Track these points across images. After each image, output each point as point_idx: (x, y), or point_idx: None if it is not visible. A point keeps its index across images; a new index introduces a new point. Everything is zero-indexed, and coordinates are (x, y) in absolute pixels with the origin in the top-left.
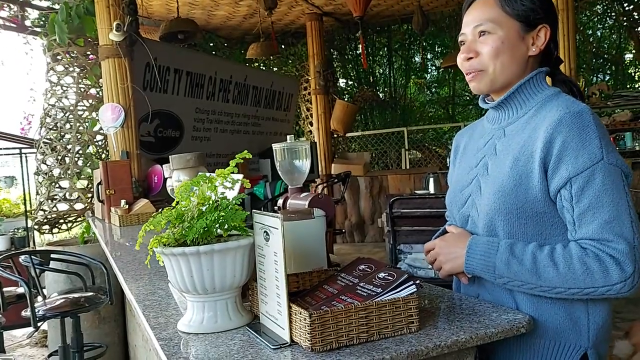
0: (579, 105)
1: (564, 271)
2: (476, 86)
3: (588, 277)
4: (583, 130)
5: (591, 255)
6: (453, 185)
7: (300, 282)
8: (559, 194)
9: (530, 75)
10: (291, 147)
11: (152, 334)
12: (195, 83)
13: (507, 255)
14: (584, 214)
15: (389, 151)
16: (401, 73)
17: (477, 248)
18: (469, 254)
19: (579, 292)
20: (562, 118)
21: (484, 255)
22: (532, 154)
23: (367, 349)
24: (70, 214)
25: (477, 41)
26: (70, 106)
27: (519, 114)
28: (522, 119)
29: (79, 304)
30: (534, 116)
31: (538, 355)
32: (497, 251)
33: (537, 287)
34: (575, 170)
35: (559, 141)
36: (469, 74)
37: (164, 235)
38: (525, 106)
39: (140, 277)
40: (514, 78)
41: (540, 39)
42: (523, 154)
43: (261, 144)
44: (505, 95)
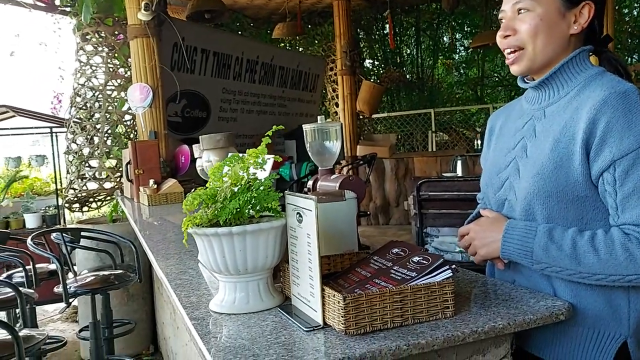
0: (624, 85)
1: (605, 257)
2: (516, 69)
3: (631, 263)
4: (629, 111)
5: (634, 241)
6: (489, 168)
7: (332, 264)
8: (601, 177)
9: (573, 54)
10: (322, 128)
11: (184, 313)
12: (222, 63)
13: (545, 240)
14: (627, 199)
15: (415, 133)
16: (429, 53)
17: (514, 232)
18: (505, 238)
19: (621, 279)
20: (606, 98)
21: (522, 239)
22: (574, 136)
23: (401, 333)
24: (100, 192)
25: (515, 19)
26: (100, 86)
27: (561, 94)
28: (563, 99)
29: (108, 281)
30: (576, 96)
31: (576, 343)
32: (535, 236)
33: (577, 273)
34: (620, 153)
35: (603, 122)
36: (509, 55)
37: (196, 215)
38: (567, 86)
39: (171, 256)
40: (554, 57)
41: (583, 16)
42: (564, 135)
43: (287, 125)
44: (546, 75)
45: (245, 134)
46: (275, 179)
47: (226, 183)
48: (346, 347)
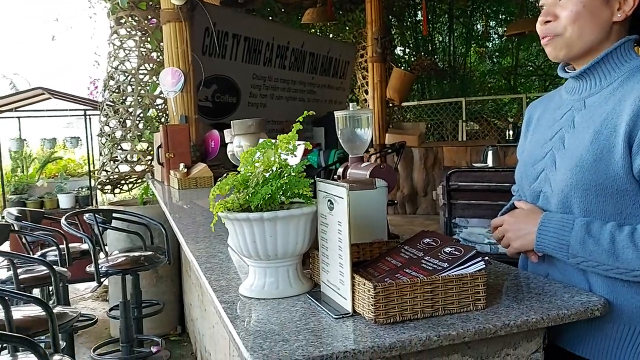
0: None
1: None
2: (552, 52)
3: None
4: None
5: None
6: (524, 158)
7: (361, 252)
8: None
9: (618, 43)
10: (353, 115)
11: (214, 296)
12: (252, 49)
13: (582, 234)
14: None
15: (445, 122)
16: (462, 41)
17: (550, 225)
18: (541, 231)
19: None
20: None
21: (558, 232)
22: (616, 128)
23: (432, 323)
24: (131, 175)
25: (557, 4)
26: (132, 70)
27: (603, 84)
28: (605, 90)
29: (138, 262)
30: (619, 87)
31: (611, 339)
32: (571, 229)
33: (614, 268)
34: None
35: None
36: (544, 38)
37: (228, 200)
38: (610, 76)
39: (200, 239)
40: (594, 45)
41: (628, 3)
42: (605, 127)
43: (316, 112)
44: (589, 64)
45: (274, 120)
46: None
47: (258, 169)
48: (375, 335)
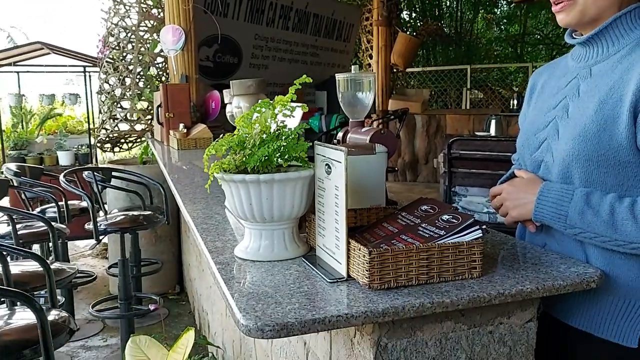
0: None
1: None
2: (564, 18)
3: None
4: None
5: None
6: (526, 127)
7: (358, 218)
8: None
9: (628, 8)
10: (355, 78)
11: (209, 257)
12: (255, 8)
13: (582, 205)
14: None
15: (449, 89)
16: (469, 7)
17: (550, 195)
18: (540, 200)
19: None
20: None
21: (557, 202)
22: (622, 97)
23: (426, 290)
24: (131, 134)
25: None
26: (133, 26)
27: (610, 51)
28: (613, 58)
29: (137, 221)
30: (627, 55)
31: (605, 311)
32: (571, 199)
33: (612, 240)
34: None
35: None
36: (557, 4)
37: (224, 161)
38: (618, 43)
39: (198, 200)
40: (607, 11)
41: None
42: (611, 96)
43: (318, 75)
44: (596, 30)
45: (276, 82)
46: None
47: (255, 130)
48: (369, 300)
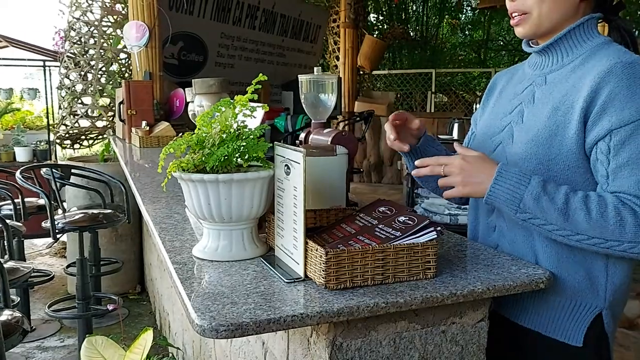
0: (631, 56)
1: (595, 218)
2: (521, 31)
3: (619, 228)
4: (633, 82)
5: (628, 208)
6: (483, 129)
7: (318, 218)
8: (596, 145)
9: (581, 20)
10: (318, 80)
11: (167, 256)
12: (222, 6)
13: (538, 190)
14: (621, 168)
15: (414, 93)
16: (435, 12)
17: (507, 176)
18: (497, 181)
19: (601, 244)
20: (612, 68)
21: (514, 185)
22: (574, 104)
23: (381, 291)
24: (92, 130)
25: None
26: (95, 21)
27: (564, 61)
28: (567, 67)
29: (97, 219)
30: (580, 65)
31: (552, 312)
32: (528, 184)
33: (560, 229)
34: (619, 123)
35: (605, 91)
36: (514, 17)
37: (183, 160)
38: (572, 53)
39: (158, 199)
40: (562, 23)
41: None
42: (564, 103)
43: (285, 76)
44: (551, 40)
45: (242, 82)
46: (270, 130)
47: (215, 129)
48: (324, 300)
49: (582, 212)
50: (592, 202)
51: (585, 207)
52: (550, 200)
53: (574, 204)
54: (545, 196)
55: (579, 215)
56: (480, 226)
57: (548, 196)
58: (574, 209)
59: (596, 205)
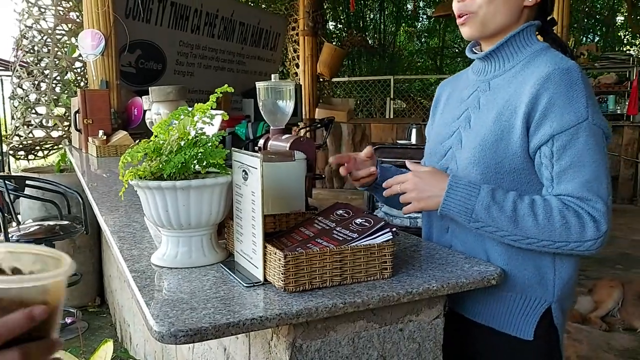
0: (568, 62)
1: (542, 222)
2: (467, 31)
3: (564, 230)
4: (571, 88)
5: (571, 210)
6: (433, 136)
7: (277, 223)
8: (539, 150)
9: (522, 27)
10: (275, 87)
11: (125, 265)
12: (179, 14)
13: (488, 200)
14: (564, 172)
15: (374, 99)
16: (392, 20)
17: (458, 189)
18: (449, 194)
19: (550, 245)
20: (550, 74)
21: (464, 197)
22: (516, 109)
23: (339, 291)
24: (47, 141)
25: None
26: (49, 29)
27: (506, 67)
28: (509, 72)
29: (53, 231)
30: (521, 70)
31: (504, 307)
32: (478, 194)
33: (512, 235)
34: (560, 128)
35: (545, 97)
36: (460, 17)
37: (140, 167)
38: (513, 59)
39: (116, 208)
40: (506, 26)
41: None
42: (507, 108)
43: (245, 83)
44: (494, 47)
45: (201, 90)
46: (231, 137)
47: (173, 136)
48: (284, 303)
49: (529, 218)
50: (538, 207)
51: (533, 213)
52: (500, 208)
53: (522, 210)
54: (495, 205)
55: (527, 221)
56: (434, 228)
57: (497, 205)
58: (522, 215)
59: (542, 210)
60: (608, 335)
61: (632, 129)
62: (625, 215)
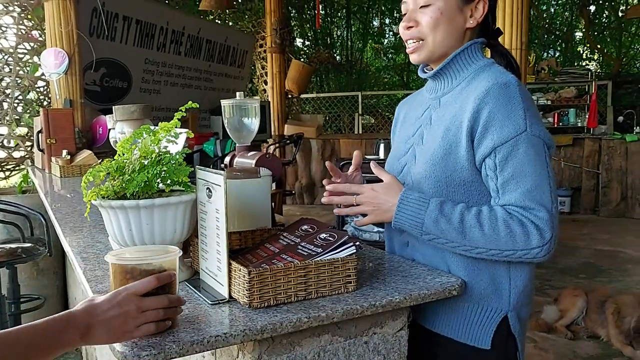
0: (506, 77)
1: (488, 232)
2: (416, 58)
3: (510, 239)
4: (509, 102)
5: (515, 219)
6: (392, 153)
7: (243, 240)
8: (483, 162)
9: (465, 46)
10: (240, 104)
11: (87, 286)
12: (145, 32)
13: (436, 214)
14: (507, 182)
15: (342, 115)
16: (359, 37)
17: (408, 204)
18: (399, 208)
19: (499, 254)
20: (489, 89)
21: (414, 211)
22: (461, 124)
23: (304, 306)
24: (8, 161)
25: (417, 11)
26: (10, 48)
27: (453, 84)
28: (456, 89)
29: (15, 254)
30: (466, 87)
31: (462, 317)
32: (427, 208)
33: (461, 245)
34: (500, 140)
35: (485, 112)
36: (409, 45)
37: (103, 187)
38: (459, 76)
39: (80, 229)
40: (451, 49)
41: (479, 11)
42: (453, 123)
43: (213, 101)
44: (440, 66)
45: (168, 107)
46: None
47: (135, 155)
48: (248, 319)
49: (476, 229)
50: (484, 218)
51: (479, 224)
52: (447, 221)
53: (469, 221)
54: (443, 218)
55: (473, 232)
56: (395, 242)
57: (445, 218)
58: (469, 227)
59: (488, 220)
60: (573, 343)
61: (593, 141)
62: (587, 225)
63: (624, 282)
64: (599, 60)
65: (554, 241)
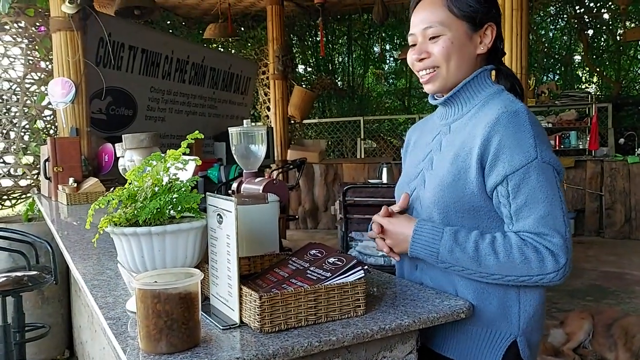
0: (516, 105)
1: (503, 260)
2: (431, 87)
3: (525, 265)
4: (519, 130)
5: (530, 246)
6: (402, 177)
7: (252, 265)
8: (495, 190)
9: (476, 73)
10: (247, 132)
11: (99, 313)
12: (150, 61)
13: (450, 243)
14: (520, 210)
15: (344, 140)
16: (360, 63)
17: (422, 234)
18: (414, 239)
19: (515, 280)
20: (499, 117)
21: (429, 241)
22: (471, 151)
23: (314, 330)
24: (15, 190)
25: (427, 42)
26: (18, 78)
27: (464, 111)
28: (466, 116)
29: (21, 282)
30: (476, 114)
31: (471, 341)
32: (441, 238)
33: (477, 273)
34: (512, 169)
35: (496, 140)
36: (424, 75)
37: (115, 214)
38: (469, 103)
39: (89, 256)
40: (464, 76)
41: (488, 37)
42: (463, 150)
43: (217, 127)
44: (451, 93)
45: (173, 134)
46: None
47: (147, 183)
48: (260, 344)
49: (491, 257)
50: (499, 245)
51: (494, 251)
52: (462, 250)
53: (483, 250)
54: (458, 247)
55: (488, 260)
56: (405, 265)
57: (460, 247)
58: (484, 255)
59: (502, 247)
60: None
61: (595, 162)
62: (593, 247)
63: (631, 304)
64: (599, 83)
65: (568, 265)
